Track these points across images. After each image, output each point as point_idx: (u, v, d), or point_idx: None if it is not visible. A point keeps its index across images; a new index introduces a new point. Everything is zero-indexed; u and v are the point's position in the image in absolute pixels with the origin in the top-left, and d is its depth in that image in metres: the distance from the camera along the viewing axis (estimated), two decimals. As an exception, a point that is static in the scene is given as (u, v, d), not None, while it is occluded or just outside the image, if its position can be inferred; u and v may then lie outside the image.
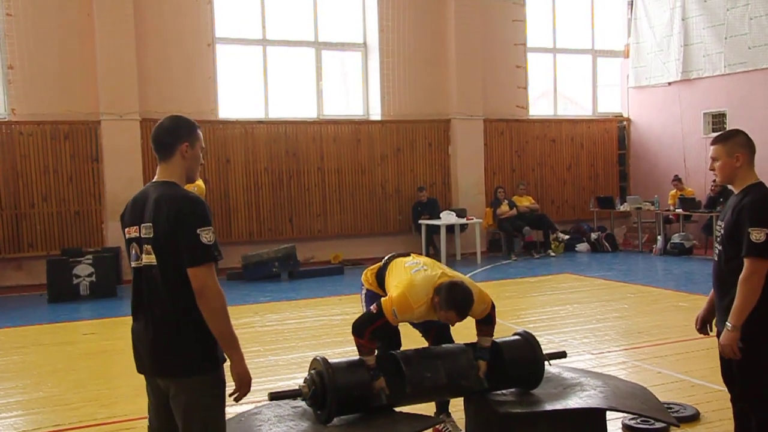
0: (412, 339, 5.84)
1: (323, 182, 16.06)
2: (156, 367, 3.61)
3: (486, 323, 5.59)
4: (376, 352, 5.28)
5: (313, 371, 5.11)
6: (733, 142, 4.68)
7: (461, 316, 5.21)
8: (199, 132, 3.78)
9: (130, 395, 6.97)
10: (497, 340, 5.66)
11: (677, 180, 17.28)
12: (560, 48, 19.22)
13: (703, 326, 5.04)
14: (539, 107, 19.09)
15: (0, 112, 14.15)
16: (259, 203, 15.60)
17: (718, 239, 4.75)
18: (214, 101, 15.24)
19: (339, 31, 16.82)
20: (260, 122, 15.74)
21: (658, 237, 17.03)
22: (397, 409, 5.30)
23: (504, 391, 5.54)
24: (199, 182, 13.58)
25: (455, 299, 5.12)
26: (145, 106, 14.51)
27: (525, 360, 5.58)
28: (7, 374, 8.24)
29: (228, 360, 3.55)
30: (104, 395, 7.20)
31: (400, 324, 5.59)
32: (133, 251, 3.69)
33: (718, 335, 4.66)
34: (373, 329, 5.17)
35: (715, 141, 4.72)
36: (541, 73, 19.01)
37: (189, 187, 3.86)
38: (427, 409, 5.77)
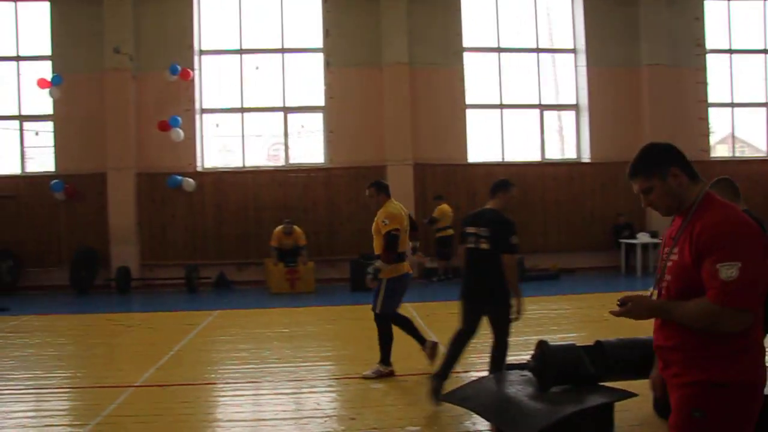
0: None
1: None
2: (485, 299, 5.53)
3: (384, 241, 6.38)
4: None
5: (538, 349, 5.14)
6: None
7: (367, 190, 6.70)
8: (513, 188, 5.62)
9: (408, 358, 7.19)
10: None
11: None
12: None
13: None
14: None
15: (324, 161, 15.31)
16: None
17: None
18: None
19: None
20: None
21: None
22: (601, 384, 5.18)
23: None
24: (445, 206, 14.03)
25: None
26: (417, 154, 15.02)
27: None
28: (324, 337, 8.87)
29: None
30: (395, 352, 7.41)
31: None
32: (472, 239, 5.49)
33: None
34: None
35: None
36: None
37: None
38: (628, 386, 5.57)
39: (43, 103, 14.69)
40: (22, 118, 15.01)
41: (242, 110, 15.29)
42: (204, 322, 10.10)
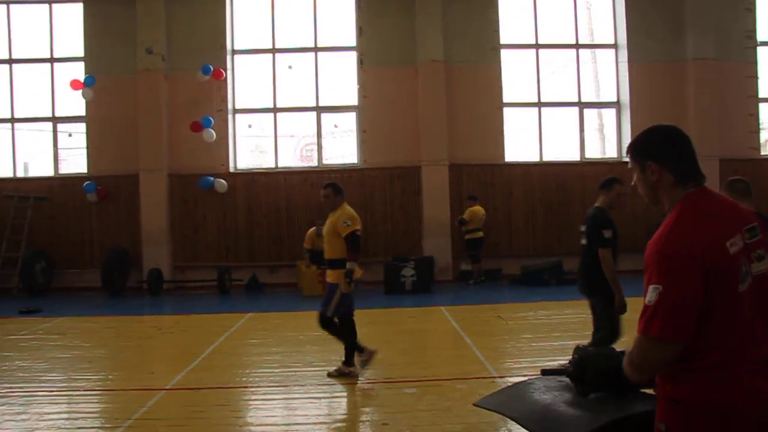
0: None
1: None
2: (586, 291, 5.95)
3: (347, 242, 6.57)
4: None
5: (576, 355, 5.05)
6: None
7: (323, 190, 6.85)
8: (618, 186, 5.85)
9: (443, 362, 7.20)
10: None
11: None
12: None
13: None
14: None
15: (357, 162, 15.30)
16: (535, 226, 15.41)
17: None
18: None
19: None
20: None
21: None
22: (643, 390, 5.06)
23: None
24: (477, 208, 13.87)
25: None
26: (453, 154, 14.91)
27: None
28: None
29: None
30: (422, 360, 7.49)
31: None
32: (582, 237, 5.91)
33: None
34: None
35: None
36: None
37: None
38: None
39: (76, 104, 15.00)
40: (55, 120, 15.33)
41: (275, 110, 15.38)
42: (236, 324, 10.17)
